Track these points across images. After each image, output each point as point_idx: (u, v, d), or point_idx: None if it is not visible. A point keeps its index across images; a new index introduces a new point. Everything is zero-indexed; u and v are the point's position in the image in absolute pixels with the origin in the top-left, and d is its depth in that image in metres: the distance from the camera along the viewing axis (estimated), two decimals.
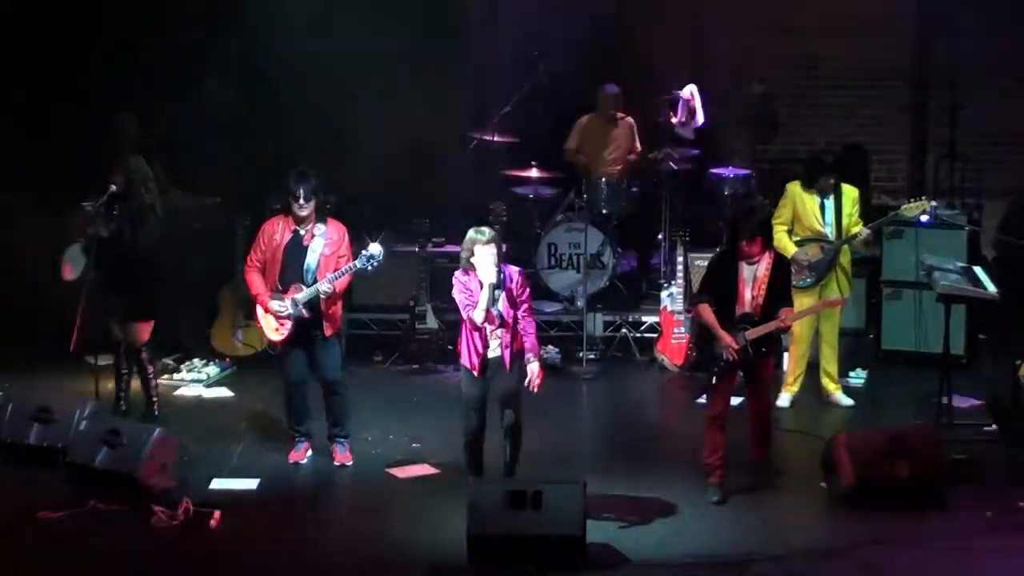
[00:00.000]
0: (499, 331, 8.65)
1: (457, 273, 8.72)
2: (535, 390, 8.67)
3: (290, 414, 9.64)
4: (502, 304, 8.61)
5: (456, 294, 8.70)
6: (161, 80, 12.58)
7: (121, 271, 9.99)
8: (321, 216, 9.42)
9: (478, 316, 8.57)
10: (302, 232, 9.36)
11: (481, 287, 8.56)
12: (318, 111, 13.15)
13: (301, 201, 9.26)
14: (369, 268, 9.27)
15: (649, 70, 13.60)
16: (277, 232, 9.40)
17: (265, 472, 9.39)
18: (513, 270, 8.75)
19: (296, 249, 9.35)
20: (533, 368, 8.65)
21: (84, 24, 12.69)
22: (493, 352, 8.70)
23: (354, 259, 9.28)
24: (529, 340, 8.70)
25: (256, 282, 9.41)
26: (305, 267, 9.32)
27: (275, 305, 9.32)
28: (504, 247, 8.81)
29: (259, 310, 9.49)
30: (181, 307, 11.97)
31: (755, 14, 13.47)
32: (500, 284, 8.59)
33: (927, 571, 8.00)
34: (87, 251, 10.09)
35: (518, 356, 8.72)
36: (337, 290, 9.31)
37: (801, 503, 8.99)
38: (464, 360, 8.75)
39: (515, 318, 8.67)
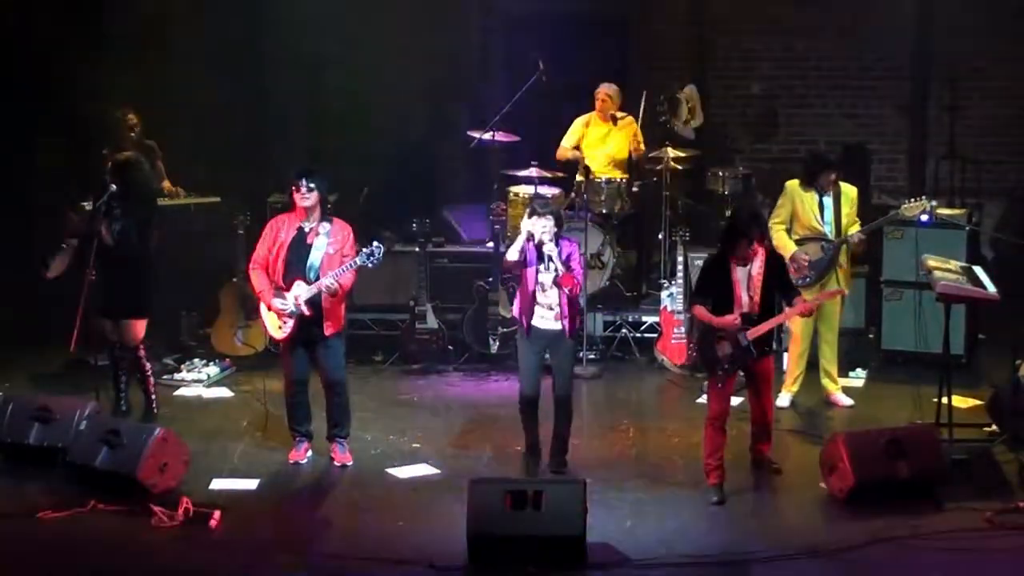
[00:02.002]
0: (551, 299, 9.03)
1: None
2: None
3: (291, 414, 9.63)
4: (551, 276, 8.96)
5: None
6: (162, 78, 12.59)
7: (116, 269, 9.99)
8: (326, 215, 9.42)
9: (511, 254, 9.05)
10: (306, 230, 9.37)
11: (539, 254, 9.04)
12: (318, 110, 13.16)
13: (304, 191, 9.27)
14: (370, 264, 9.28)
15: (649, 70, 13.62)
16: (282, 230, 9.41)
17: (265, 472, 9.40)
18: (569, 245, 9.14)
19: (300, 247, 9.35)
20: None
21: (83, 22, 12.69)
22: (548, 323, 9.08)
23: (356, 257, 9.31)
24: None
25: (260, 280, 9.41)
26: (308, 265, 9.32)
27: (278, 303, 9.32)
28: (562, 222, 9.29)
29: (262, 307, 9.50)
30: (181, 307, 11.99)
31: (755, 14, 13.47)
32: (549, 261, 8.96)
33: (926, 571, 7.99)
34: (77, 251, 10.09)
35: (577, 329, 9.22)
36: (342, 286, 9.32)
37: (801, 503, 8.98)
38: (517, 316, 9.21)
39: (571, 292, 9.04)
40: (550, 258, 8.95)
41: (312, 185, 9.28)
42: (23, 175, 12.56)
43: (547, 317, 9.11)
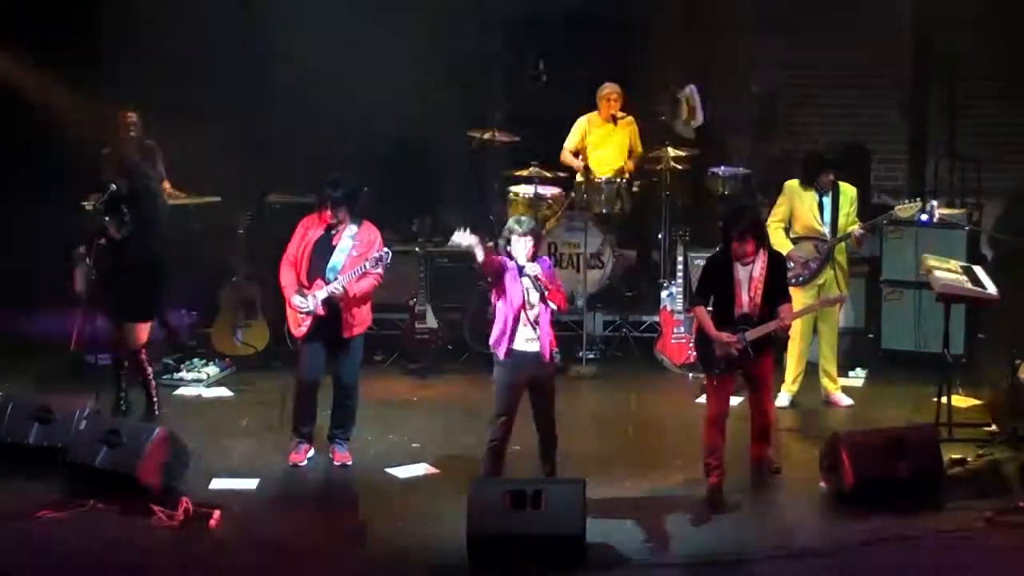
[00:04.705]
0: (532, 319, 8.61)
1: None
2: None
3: (296, 414, 9.59)
4: (537, 294, 8.59)
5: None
6: (162, 77, 12.59)
7: (121, 272, 9.99)
8: (356, 218, 9.43)
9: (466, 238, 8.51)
10: (333, 231, 9.39)
11: (520, 274, 8.56)
12: (318, 110, 13.15)
13: (332, 212, 9.32)
14: (378, 269, 9.29)
15: (649, 70, 13.61)
16: (310, 229, 9.45)
17: (265, 472, 9.40)
18: (545, 262, 8.74)
19: (324, 247, 9.38)
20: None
21: (84, 21, 12.68)
22: (530, 345, 8.67)
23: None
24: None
25: (286, 276, 9.44)
26: (330, 266, 9.33)
27: (296, 300, 9.34)
28: (541, 240, 8.82)
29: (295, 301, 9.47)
30: (181, 307, 11.97)
31: (755, 14, 13.47)
32: (536, 280, 8.56)
33: (926, 571, 8.00)
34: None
35: (555, 351, 8.79)
36: (350, 292, 9.29)
37: (801, 503, 8.99)
38: (494, 345, 8.71)
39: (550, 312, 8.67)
40: (536, 278, 8.58)
41: (339, 203, 9.29)
42: (21, 174, 12.55)
43: (529, 338, 8.66)
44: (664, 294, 11.84)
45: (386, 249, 9.32)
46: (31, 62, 12.43)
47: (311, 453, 9.63)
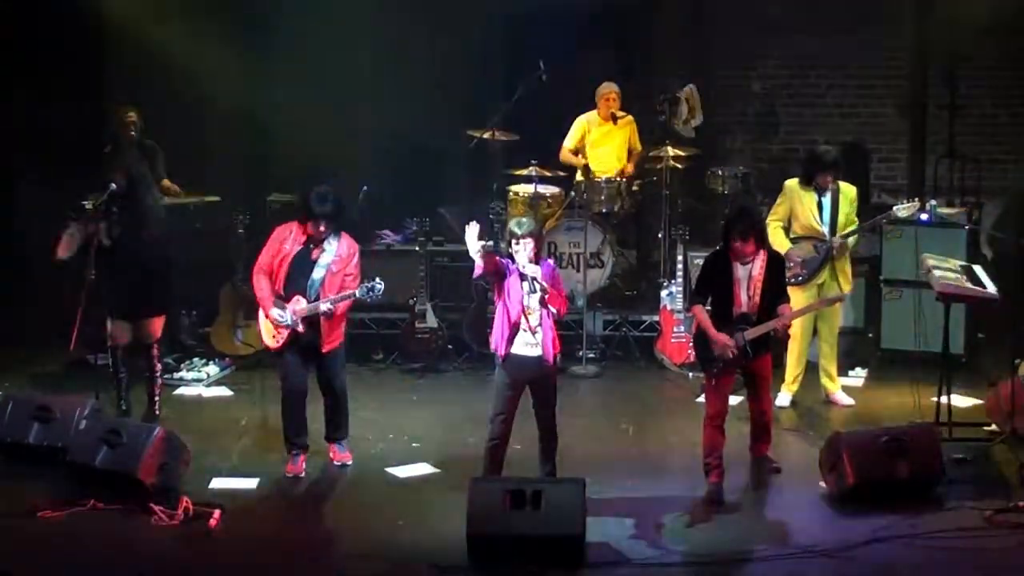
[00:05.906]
0: (532, 324, 8.60)
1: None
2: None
3: (286, 424, 9.48)
4: (537, 296, 8.58)
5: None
6: (160, 77, 12.59)
7: (130, 270, 9.96)
8: (336, 231, 9.34)
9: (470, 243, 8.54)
10: (312, 245, 9.28)
11: (522, 278, 8.56)
12: (317, 110, 13.15)
13: (322, 227, 9.19)
14: (368, 299, 9.23)
15: (649, 70, 13.62)
16: (287, 240, 9.29)
17: (265, 472, 9.39)
18: (549, 267, 8.71)
19: (303, 261, 9.25)
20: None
21: (85, 19, 12.69)
22: (529, 350, 8.66)
23: (361, 281, 9.22)
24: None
25: (262, 286, 9.31)
26: (310, 281, 9.24)
27: (275, 313, 9.24)
28: (542, 241, 8.83)
29: (261, 314, 9.43)
30: (181, 307, 11.98)
31: (755, 14, 13.47)
32: (534, 281, 8.55)
33: (926, 571, 8.00)
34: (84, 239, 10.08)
35: (557, 355, 8.79)
36: (337, 312, 9.24)
37: (801, 503, 8.98)
38: (494, 348, 8.73)
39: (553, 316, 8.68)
40: (534, 279, 8.55)
41: (330, 217, 9.18)
42: (19, 175, 12.55)
43: (529, 343, 8.63)
44: (664, 294, 11.84)
45: (379, 280, 9.17)
46: (31, 62, 12.44)
47: (306, 463, 9.57)
